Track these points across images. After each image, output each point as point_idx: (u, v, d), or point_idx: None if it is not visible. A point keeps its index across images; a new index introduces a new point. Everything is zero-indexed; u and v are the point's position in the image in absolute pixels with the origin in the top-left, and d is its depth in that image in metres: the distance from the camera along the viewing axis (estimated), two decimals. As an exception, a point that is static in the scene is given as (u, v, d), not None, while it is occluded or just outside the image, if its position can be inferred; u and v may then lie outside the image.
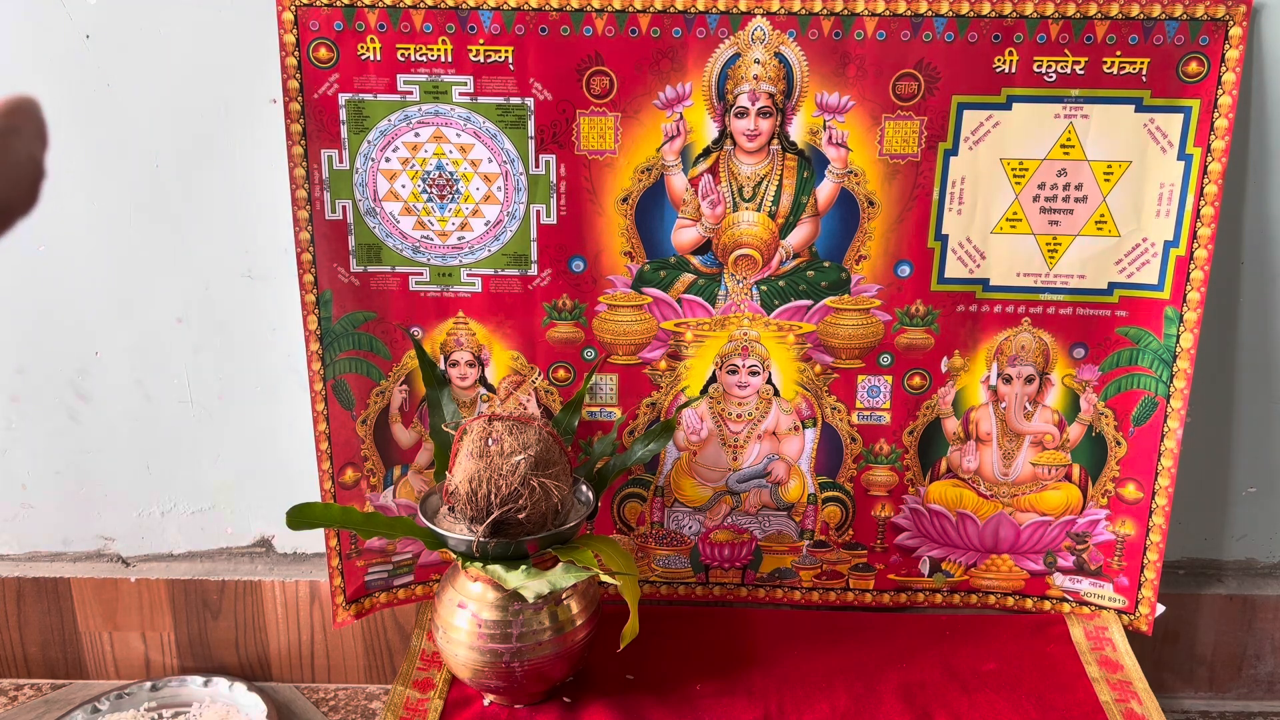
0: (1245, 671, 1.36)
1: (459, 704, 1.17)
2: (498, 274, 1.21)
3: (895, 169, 1.16)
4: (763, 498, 1.30)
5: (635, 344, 1.24)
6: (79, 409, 1.32)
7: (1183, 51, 1.11)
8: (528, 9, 1.11)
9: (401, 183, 1.18)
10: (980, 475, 1.28)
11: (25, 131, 0.67)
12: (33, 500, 1.36)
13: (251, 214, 1.23)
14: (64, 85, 1.19)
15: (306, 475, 1.27)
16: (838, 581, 1.33)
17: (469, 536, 1.07)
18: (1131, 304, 1.20)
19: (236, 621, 1.36)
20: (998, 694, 1.18)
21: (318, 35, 1.12)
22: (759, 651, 1.25)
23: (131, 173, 1.22)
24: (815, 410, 1.26)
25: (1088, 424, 1.25)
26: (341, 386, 1.22)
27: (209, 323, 1.28)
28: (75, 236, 1.24)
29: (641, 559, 1.33)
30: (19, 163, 0.65)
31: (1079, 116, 1.14)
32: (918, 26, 1.11)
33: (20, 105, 0.67)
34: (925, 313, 1.22)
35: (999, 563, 1.31)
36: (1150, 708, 1.16)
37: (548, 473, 1.07)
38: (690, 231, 1.20)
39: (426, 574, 1.31)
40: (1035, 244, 1.19)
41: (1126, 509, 1.26)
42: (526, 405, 1.25)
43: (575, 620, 1.13)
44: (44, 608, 1.36)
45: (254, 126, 1.20)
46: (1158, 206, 1.16)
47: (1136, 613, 1.28)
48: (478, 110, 1.15)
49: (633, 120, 1.15)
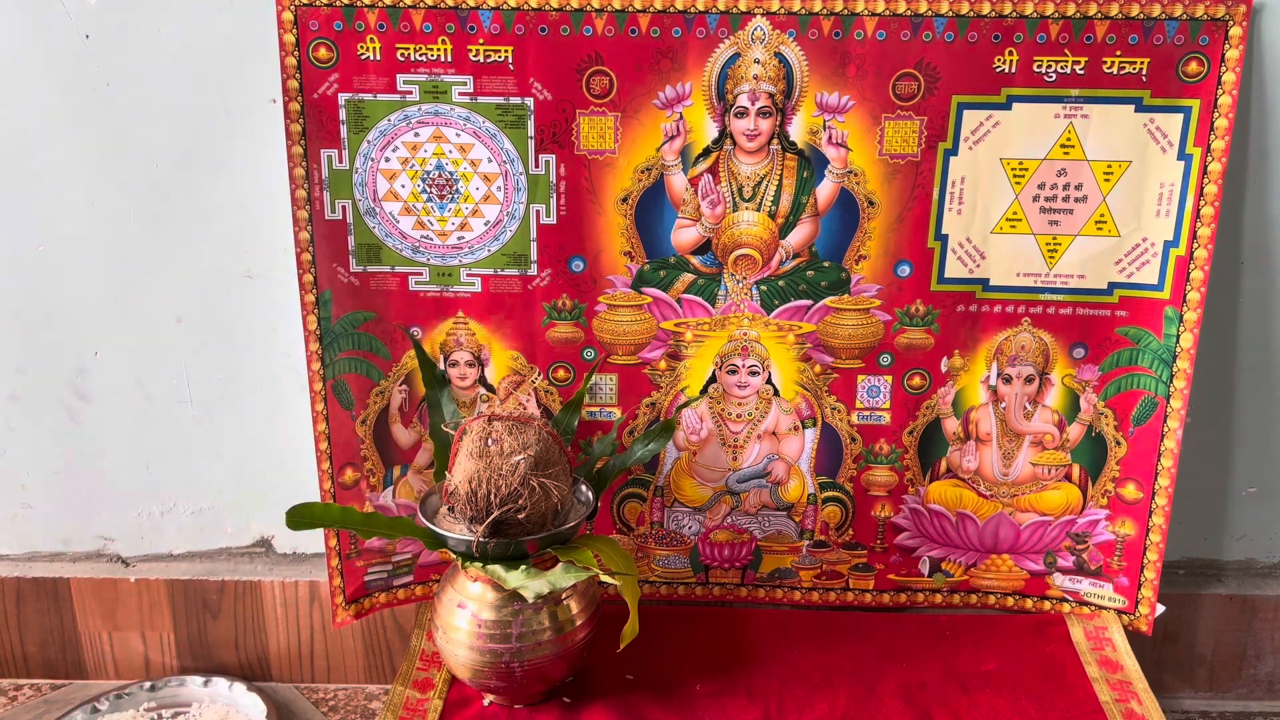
0: (1245, 671, 1.36)
1: (459, 704, 1.17)
2: (497, 274, 1.21)
3: (895, 169, 1.16)
4: (763, 498, 1.30)
5: (635, 344, 1.24)
6: (79, 409, 1.32)
7: (1183, 51, 1.11)
8: (528, 9, 1.11)
9: (401, 183, 1.18)
10: (980, 475, 1.28)
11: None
12: (32, 500, 1.36)
13: (251, 214, 1.23)
14: (64, 85, 1.19)
15: (306, 475, 1.27)
16: (838, 581, 1.33)
17: (469, 536, 1.07)
18: (1131, 304, 1.20)
19: (236, 621, 1.36)
20: (998, 694, 1.18)
21: (317, 35, 1.12)
22: (759, 651, 1.25)
23: (131, 173, 1.22)
24: (815, 410, 1.26)
25: (1088, 424, 1.25)
26: (341, 386, 1.22)
27: (209, 323, 1.28)
28: (75, 236, 1.24)
29: (641, 559, 1.33)
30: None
31: (1079, 116, 1.14)
32: (918, 26, 1.11)
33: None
34: (925, 313, 1.22)
35: (999, 563, 1.31)
36: (1150, 708, 1.16)
37: (547, 473, 1.07)
38: (690, 231, 1.20)
39: (426, 574, 1.31)
40: (1035, 244, 1.19)
41: (1126, 509, 1.26)
42: (526, 405, 1.25)
43: (575, 620, 1.13)
44: (43, 608, 1.36)
45: (254, 126, 1.20)
46: (1158, 206, 1.16)
47: (1136, 613, 1.28)
48: (477, 110, 1.15)
49: (633, 120, 1.15)
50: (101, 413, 1.32)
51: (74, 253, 1.25)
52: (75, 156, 1.21)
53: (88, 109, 1.20)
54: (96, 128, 1.20)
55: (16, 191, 1.23)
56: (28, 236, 1.25)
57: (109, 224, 1.24)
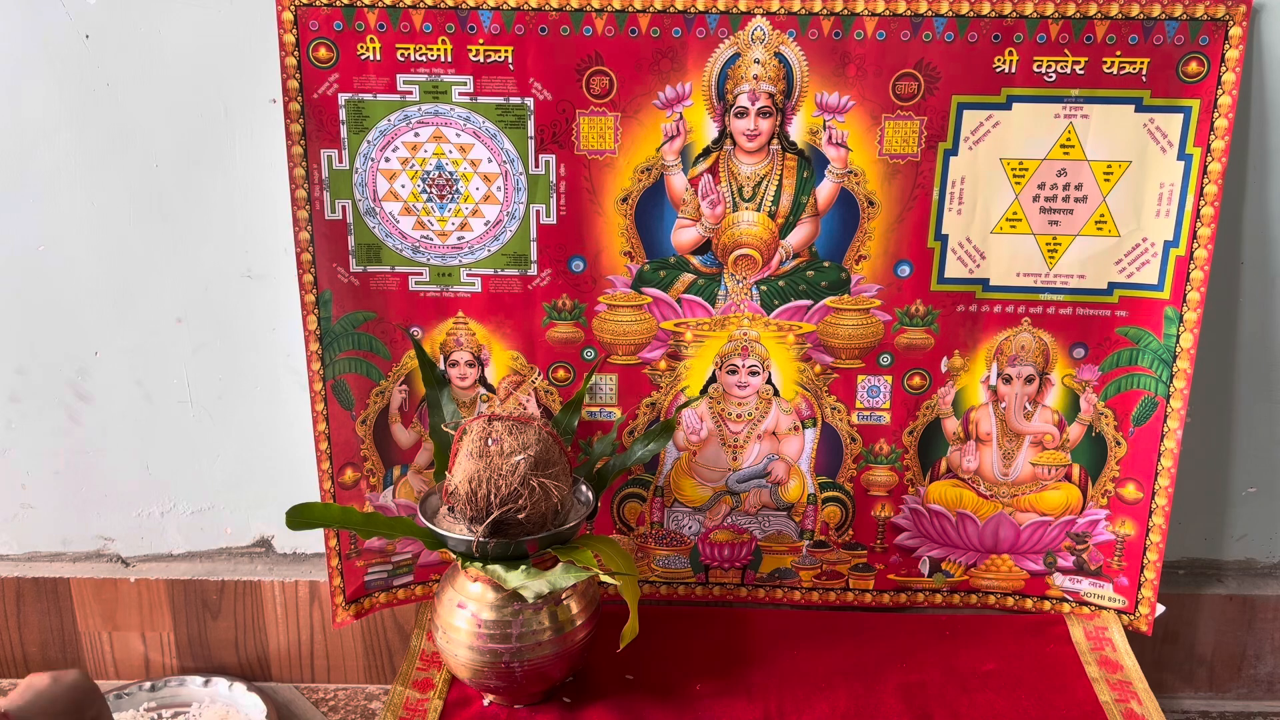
0: (1245, 671, 1.36)
1: (459, 704, 1.17)
2: (497, 274, 1.21)
3: (895, 169, 1.16)
4: (763, 498, 1.30)
5: (635, 344, 1.24)
6: (79, 409, 1.32)
7: (1183, 51, 1.11)
8: (527, 9, 1.11)
9: (401, 183, 1.18)
10: (980, 475, 1.28)
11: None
12: (32, 500, 1.36)
13: (251, 214, 1.23)
14: (64, 85, 1.19)
15: (306, 475, 1.27)
16: (838, 581, 1.33)
17: (469, 536, 1.07)
18: (1131, 304, 1.20)
19: (236, 621, 1.36)
20: (998, 694, 1.18)
21: (317, 35, 1.12)
22: (759, 651, 1.25)
23: (131, 173, 1.22)
24: (815, 410, 1.26)
25: (1088, 424, 1.25)
26: (341, 386, 1.22)
27: (209, 323, 1.28)
28: (75, 236, 1.24)
29: (641, 559, 1.32)
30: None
31: (1079, 116, 1.14)
32: (918, 26, 1.11)
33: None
34: (925, 313, 1.22)
35: (999, 563, 1.31)
36: (1150, 708, 1.16)
37: (547, 473, 1.07)
38: (690, 231, 1.20)
39: (426, 574, 1.31)
40: (1035, 244, 1.19)
41: (1126, 509, 1.26)
42: (526, 405, 1.25)
43: (575, 620, 1.13)
44: (43, 608, 1.36)
45: (254, 126, 1.20)
46: (1158, 206, 1.16)
47: (1136, 613, 1.28)
48: (477, 110, 1.15)
49: (632, 120, 1.15)
50: (101, 413, 1.32)
51: (74, 253, 1.25)
52: (75, 156, 1.21)
53: (88, 109, 1.20)
54: (96, 128, 1.20)
55: (17, 191, 1.23)
56: (28, 236, 1.25)
57: (109, 224, 1.24)
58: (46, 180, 1.23)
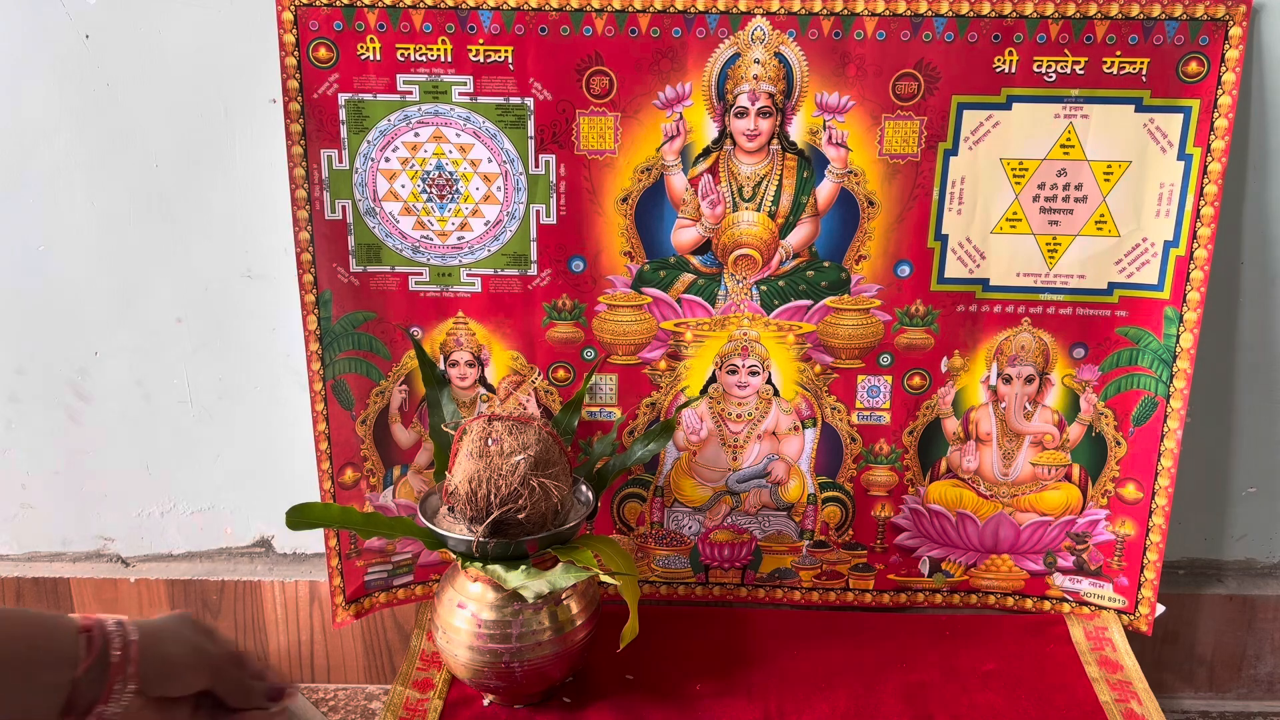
0: (1245, 671, 1.36)
1: (459, 704, 1.17)
2: (497, 274, 1.21)
3: (895, 169, 1.16)
4: (762, 498, 1.30)
5: (635, 344, 1.24)
6: (79, 409, 1.32)
7: (1182, 51, 1.11)
8: (527, 9, 1.11)
9: (401, 183, 1.18)
10: (980, 475, 1.28)
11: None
12: (32, 500, 1.36)
13: (251, 214, 1.23)
14: (64, 85, 1.19)
15: (306, 475, 1.27)
16: (838, 581, 1.33)
17: (469, 536, 1.07)
18: (1131, 304, 1.20)
19: (236, 621, 1.36)
20: (998, 694, 1.18)
21: (317, 35, 1.12)
22: (759, 651, 1.25)
23: (131, 173, 1.22)
24: (815, 410, 1.26)
25: (1087, 424, 1.25)
26: (341, 386, 1.22)
27: (209, 323, 1.28)
28: (75, 236, 1.24)
29: (641, 559, 1.32)
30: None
31: (1079, 116, 1.14)
32: (918, 26, 1.11)
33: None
34: (925, 313, 1.22)
35: (999, 563, 1.31)
36: (1150, 708, 1.16)
37: (547, 473, 1.07)
38: (690, 231, 1.20)
39: (426, 574, 1.31)
40: (1035, 244, 1.19)
41: (1126, 509, 1.26)
42: (526, 405, 1.25)
43: (575, 620, 1.13)
44: (43, 608, 1.36)
45: (254, 126, 1.20)
46: (1157, 206, 1.16)
47: (1136, 613, 1.28)
48: (477, 110, 1.15)
49: (632, 120, 1.15)
50: (101, 413, 1.32)
51: (74, 253, 1.25)
52: (75, 156, 1.21)
53: (88, 109, 1.20)
54: (96, 128, 1.20)
55: (17, 191, 1.23)
56: (28, 236, 1.25)
57: (109, 224, 1.24)
58: (46, 180, 1.23)
